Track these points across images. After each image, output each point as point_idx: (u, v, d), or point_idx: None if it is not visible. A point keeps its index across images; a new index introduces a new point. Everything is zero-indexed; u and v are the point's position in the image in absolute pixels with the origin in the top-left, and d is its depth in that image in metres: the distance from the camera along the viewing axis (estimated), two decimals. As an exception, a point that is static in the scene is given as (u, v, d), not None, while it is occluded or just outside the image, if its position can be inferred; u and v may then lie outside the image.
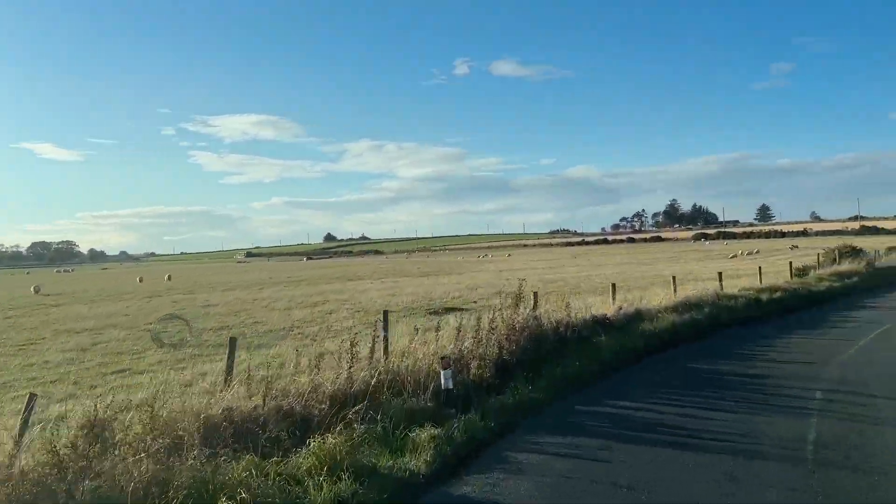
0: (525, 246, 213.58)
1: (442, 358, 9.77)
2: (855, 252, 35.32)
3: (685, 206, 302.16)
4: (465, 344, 11.00)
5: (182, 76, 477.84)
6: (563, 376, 11.70)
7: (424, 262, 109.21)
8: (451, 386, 9.51)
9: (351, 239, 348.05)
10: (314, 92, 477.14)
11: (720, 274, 25.87)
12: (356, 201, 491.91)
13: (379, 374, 9.37)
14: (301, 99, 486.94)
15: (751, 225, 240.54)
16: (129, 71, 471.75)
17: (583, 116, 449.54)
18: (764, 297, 22.33)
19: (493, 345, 11.31)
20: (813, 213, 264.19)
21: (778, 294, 23.12)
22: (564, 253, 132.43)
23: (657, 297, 20.08)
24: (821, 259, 34.61)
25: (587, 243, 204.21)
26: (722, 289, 22.96)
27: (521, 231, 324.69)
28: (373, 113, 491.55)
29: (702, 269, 53.42)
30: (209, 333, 20.99)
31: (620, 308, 16.84)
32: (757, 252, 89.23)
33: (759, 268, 28.58)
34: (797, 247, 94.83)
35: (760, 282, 25.96)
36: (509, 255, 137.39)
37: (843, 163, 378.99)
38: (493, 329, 11.68)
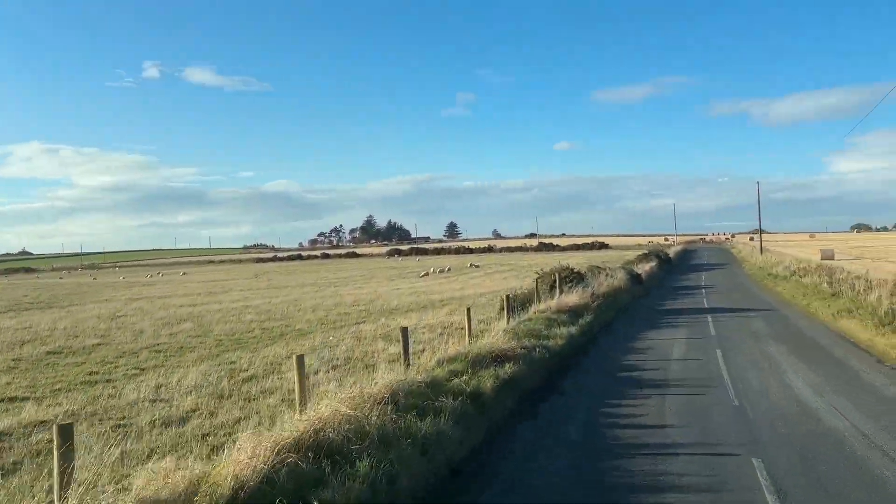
0: (211, 262, 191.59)
1: None
2: (577, 278, 28.04)
3: (381, 223, 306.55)
4: None
5: None
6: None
7: (58, 284, 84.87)
8: None
9: (8, 254, 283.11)
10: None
11: (405, 334, 14.88)
12: (22, 211, 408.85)
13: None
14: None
15: (440, 241, 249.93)
16: None
17: (283, 130, 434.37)
18: (486, 382, 11.70)
19: None
20: (495, 230, 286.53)
21: (508, 370, 12.77)
22: (249, 270, 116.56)
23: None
24: (538, 285, 26.50)
25: (280, 259, 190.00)
26: (410, 364, 11.96)
27: (218, 245, 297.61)
28: (46, 113, 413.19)
29: (391, 293, 46.38)
30: None
31: None
32: (448, 269, 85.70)
33: (468, 310, 18.46)
34: (477, 266, 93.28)
35: (469, 335, 15.75)
36: (184, 273, 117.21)
37: (518, 186, 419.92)
38: None
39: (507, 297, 21.62)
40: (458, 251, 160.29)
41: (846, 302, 22.80)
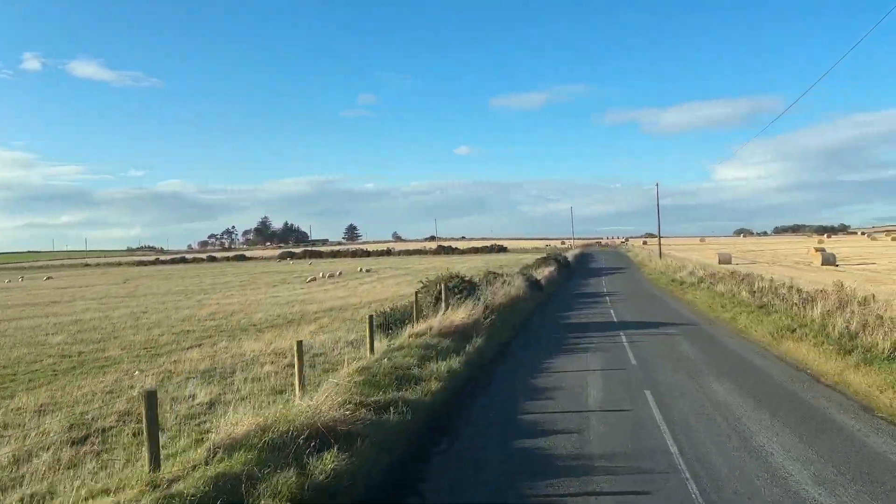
0: (87, 265, 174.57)
1: None
2: (469, 287, 23.06)
3: (277, 224, 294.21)
4: None
5: None
6: None
7: None
8: None
9: None
10: None
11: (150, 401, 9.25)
12: None
13: None
14: None
15: (339, 244, 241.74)
16: None
17: (176, 128, 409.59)
18: None
19: None
20: (395, 233, 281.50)
21: (327, 465, 7.41)
22: (122, 275, 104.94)
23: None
24: (420, 298, 21.30)
25: (163, 262, 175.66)
26: (157, 465, 6.32)
27: (101, 247, 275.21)
28: None
29: (264, 302, 40.79)
30: None
31: None
32: (340, 274, 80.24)
33: (298, 346, 13.57)
34: (370, 270, 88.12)
35: (299, 384, 10.58)
36: (48, 277, 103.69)
37: (419, 189, 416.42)
38: None
39: (372, 316, 16.24)
40: (354, 254, 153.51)
41: (782, 318, 18.96)
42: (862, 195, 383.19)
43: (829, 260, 60.21)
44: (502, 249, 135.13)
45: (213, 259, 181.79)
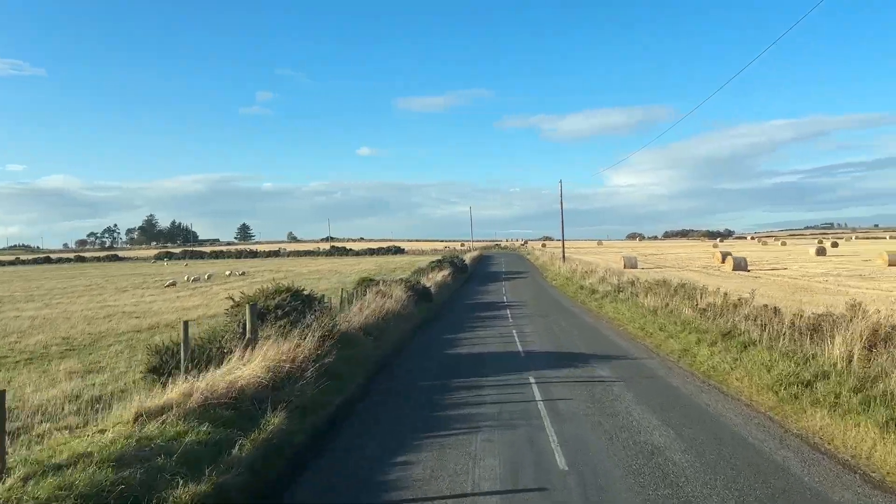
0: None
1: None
2: (304, 301, 15.00)
3: (164, 223, 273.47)
4: None
5: None
6: None
7: None
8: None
9: None
10: None
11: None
12: None
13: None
14: None
15: (230, 244, 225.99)
16: None
17: (61, 121, 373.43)
18: None
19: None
20: (290, 233, 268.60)
21: None
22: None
23: None
24: (226, 325, 13.16)
25: (23, 262, 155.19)
26: None
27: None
28: None
29: (83, 314, 32.35)
30: None
31: None
32: (208, 277, 71.03)
33: None
34: (243, 273, 78.48)
35: None
36: None
37: (319, 189, 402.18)
38: None
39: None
40: (239, 255, 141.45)
41: (778, 360, 12.11)
42: (743, 202, 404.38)
43: (740, 265, 56.32)
44: (399, 251, 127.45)
45: (81, 259, 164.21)
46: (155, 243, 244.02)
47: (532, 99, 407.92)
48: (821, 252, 78.01)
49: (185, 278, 69.27)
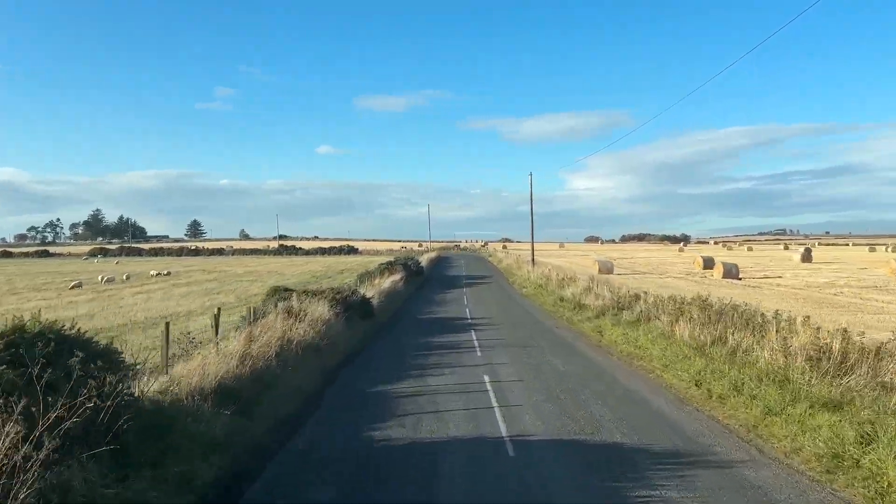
0: None
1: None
2: (56, 354, 6.99)
3: (111, 218, 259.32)
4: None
5: None
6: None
7: None
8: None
9: None
10: None
11: None
12: None
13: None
14: None
15: (179, 241, 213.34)
16: None
17: (9, 113, 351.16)
18: None
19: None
20: (242, 231, 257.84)
21: None
22: None
23: None
24: None
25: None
26: None
27: None
28: None
29: None
30: None
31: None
32: (127, 278, 64.01)
33: None
34: (167, 273, 69.96)
35: None
36: None
37: (278, 188, 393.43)
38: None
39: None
40: (180, 252, 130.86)
41: None
42: (699, 207, 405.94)
43: (731, 272, 49.62)
44: (353, 251, 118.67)
45: (7, 255, 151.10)
46: (101, 239, 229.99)
47: (493, 101, 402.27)
48: (806, 258, 72.37)
49: (100, 279, 60.34)
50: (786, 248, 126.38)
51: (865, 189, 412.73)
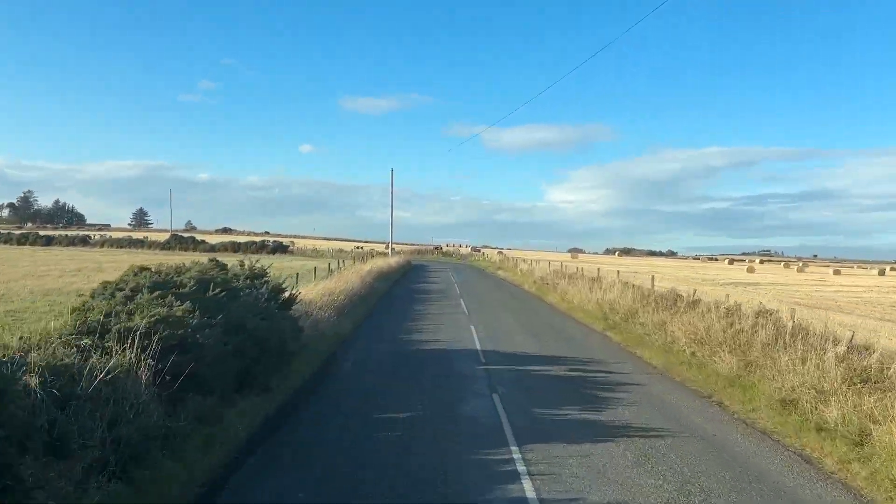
0: None
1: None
2: None
3: (46, 202, 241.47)
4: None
5: None
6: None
7: None
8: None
9: None
10: None
11: None
12: None
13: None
14: None
15: (124, 230, 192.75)
16: None
17: None
18: None
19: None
20: (188, 222, 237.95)
21: None
22: None
23: None
24: None
25: None
26: None
27: None
28: None
29: None
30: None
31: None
32: None
33: None
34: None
35: None
36: None
37: (258, 184, 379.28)
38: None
39: None
40: (85, 241, 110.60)
41: None
42: (676, 224, 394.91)
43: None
44: (281, 249, 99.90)
45: None
46: (29, 224, 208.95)
47: (474, 109, 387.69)
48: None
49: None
50: (786, 266, 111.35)
51: (840, 215, 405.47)
